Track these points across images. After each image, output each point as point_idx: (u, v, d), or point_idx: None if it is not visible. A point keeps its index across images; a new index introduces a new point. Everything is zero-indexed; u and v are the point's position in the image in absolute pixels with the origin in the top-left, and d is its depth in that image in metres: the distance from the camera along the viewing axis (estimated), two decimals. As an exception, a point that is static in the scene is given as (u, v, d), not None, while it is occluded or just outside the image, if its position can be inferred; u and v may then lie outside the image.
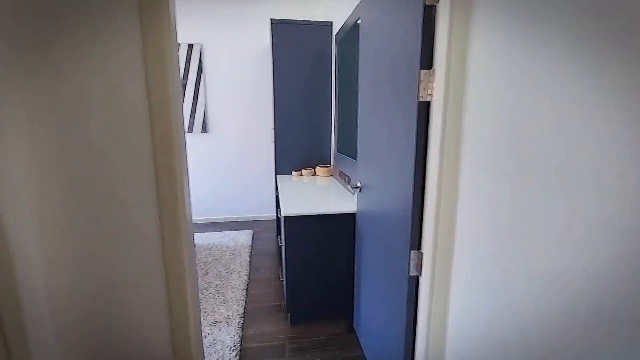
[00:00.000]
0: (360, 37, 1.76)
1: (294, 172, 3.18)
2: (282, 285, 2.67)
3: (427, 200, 1.14)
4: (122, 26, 1.07)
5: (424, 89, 1.08)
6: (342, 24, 2.71)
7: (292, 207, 2.09)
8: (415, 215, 1.18)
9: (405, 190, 1.24)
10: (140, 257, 1.30)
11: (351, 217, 2.05)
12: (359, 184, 1.88)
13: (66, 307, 1.05)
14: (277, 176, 3.17)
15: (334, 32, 3.02)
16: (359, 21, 2.06)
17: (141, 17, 1.09)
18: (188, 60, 3.80)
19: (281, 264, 3.01)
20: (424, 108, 1.11)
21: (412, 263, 1.23)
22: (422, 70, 1.08)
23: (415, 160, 1.14)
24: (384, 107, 1.44)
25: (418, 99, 1.10)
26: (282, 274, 2.75)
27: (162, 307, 1.37)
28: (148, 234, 1.29)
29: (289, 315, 2.16)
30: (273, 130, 3.23)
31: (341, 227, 2.06)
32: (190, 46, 3.77)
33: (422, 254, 1.19)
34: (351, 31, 2.38)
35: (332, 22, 3.03)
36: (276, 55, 3.03)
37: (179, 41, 3.77)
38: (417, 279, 1.24)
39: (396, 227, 1.34)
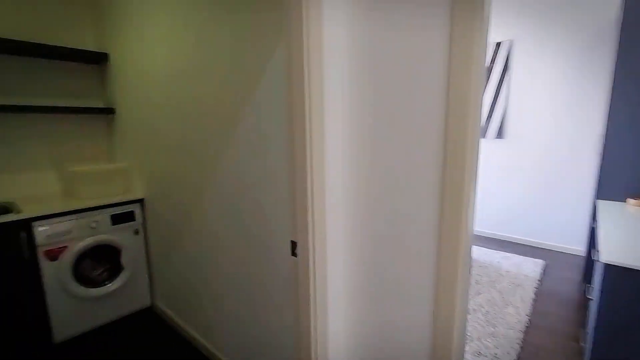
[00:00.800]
0: None
1: (630, 200, 2.20)
2: (581, 352, 1.95)
3: None
4: (431, 27, 1.08)
5: None
6: None
7: (621, 251, 1.42)
8: None
9: None
10: (413, 262, 1.33)
11: None
12: None
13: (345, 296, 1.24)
14: (598, 201, 2.31)
15: None
16: None
17: (452, 24, 1.06)
18: (492, 61, 3.53)
19: (584, 322, 2.21)
20: None
21: None
22: None
23: None
24: None
25: None
26: (583, 338, 2.01)
27: (427, 317, 1.36)
28: (425, 240, 1.29)
29: (587, 400, 1.53)
30: (602, 138, 2.37)
31: None
32: (498, 45, 3.48)
33: None
34: None
35: None
36: (626, 30, 2.16)
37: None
38: None
39: None
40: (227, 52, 1.37)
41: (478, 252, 3.42)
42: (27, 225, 1.79)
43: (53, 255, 1.89)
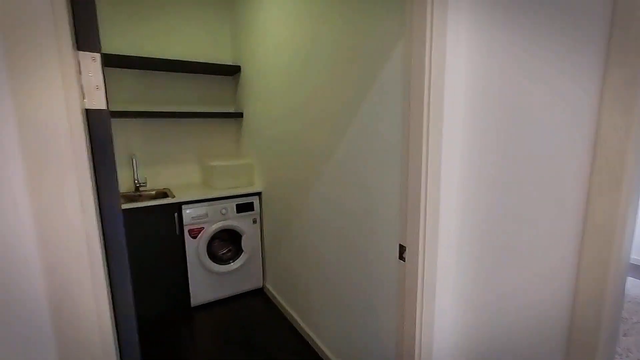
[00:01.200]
0: None
1: None
2: None
3: None
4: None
5: None
6: None
7: None
8: None
9: None
10: (540, 281, 1.17)
11: None
12: None
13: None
14: None
15: None
16: None
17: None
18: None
19: None
20: None
21: None
22: None
23: None
24: None
25: None
26: None
27: (558, 353, 1.17)
28: (563, 265, 1.12)
29: None
30: None
31: None
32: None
33: None
34: None
35: None
36: None
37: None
38: None
39: None
40: (340, 60, 1.44)
41: (627, 284, 2.75)
42: (178, 207, 2.24)
43: (194, 234, 2.30)
